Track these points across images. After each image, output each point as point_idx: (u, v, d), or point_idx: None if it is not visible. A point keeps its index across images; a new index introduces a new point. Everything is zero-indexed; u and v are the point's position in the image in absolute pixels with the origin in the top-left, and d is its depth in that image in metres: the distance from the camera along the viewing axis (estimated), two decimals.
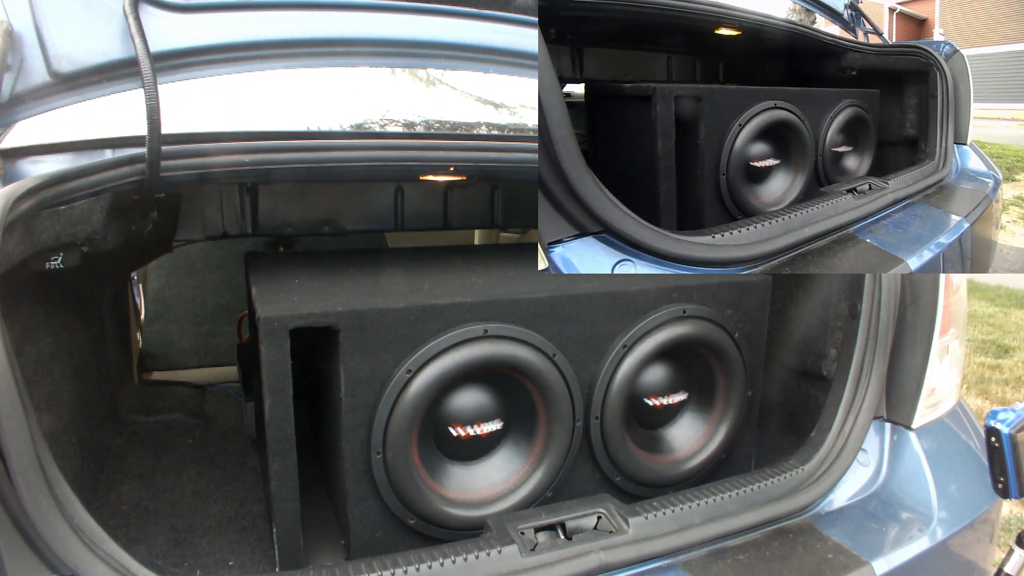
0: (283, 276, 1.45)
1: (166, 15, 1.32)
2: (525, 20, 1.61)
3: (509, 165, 1.50)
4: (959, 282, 1.60)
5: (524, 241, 2.81)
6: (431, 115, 1.44)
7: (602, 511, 1.28)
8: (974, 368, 4.40)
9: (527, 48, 1.57)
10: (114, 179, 1.17)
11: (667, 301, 1.47)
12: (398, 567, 1.10)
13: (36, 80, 1.19)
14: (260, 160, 1.29)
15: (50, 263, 1.24)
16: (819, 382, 1.66)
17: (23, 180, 1.04)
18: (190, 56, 1.32)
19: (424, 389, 1.27)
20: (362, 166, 1.37)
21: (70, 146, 1.18)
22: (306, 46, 1.43)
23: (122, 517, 1.62)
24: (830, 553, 1.29)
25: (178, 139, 1.22)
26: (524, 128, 1.50)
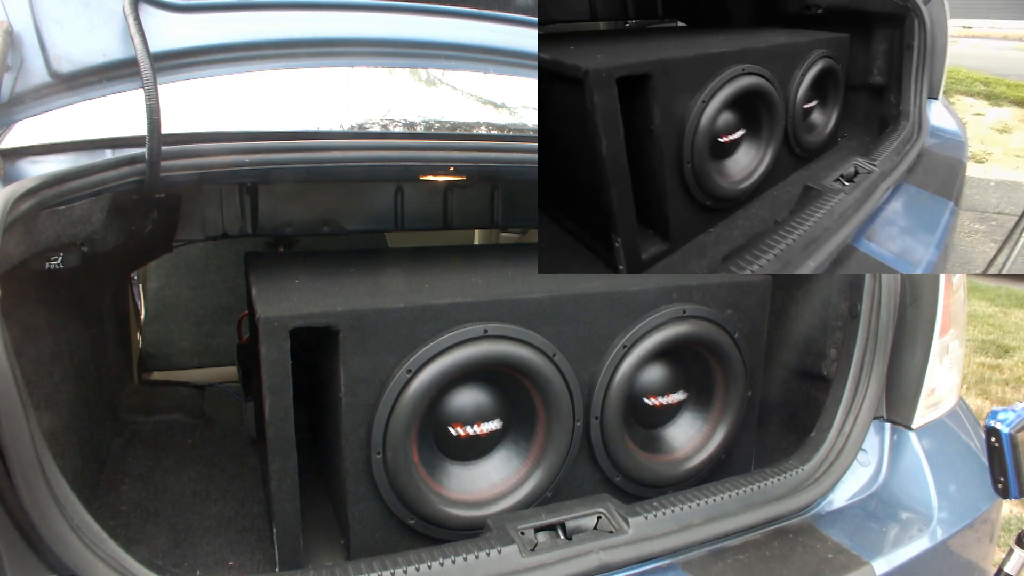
0: (283, 276, 1.45)
1: (166, 15, 1.32)
2: (525, 20, 1.61)
3: (509, 165, 1.50)
4: (959, 282, 1.60)
5: (524, 241, 2.81)
6: (431, 115, 1.44)
7: (602, 511, 1.28)
8: (974, 368, 4.40)
9: (527, 48, 1.57)
10: (114, 179, 1.17)
11: (667, 301, 1.47)
12: (398, 567, 1.10)
13: (36, 80, 1.19)
14: (260, 160, 1.29)
15: (50, 263, 1.24)
16: (819, 382, 1.66)
17: (23, 180, 1.04)
18: (190, 56, 1.33)
19: (424, 389, 1.27)
20: (362, 166, 1.37)
21: (70, 146, 1.18)
22: (306, 46, 1.43)
23: (122, 517, 1.62)
24: (830, 553, 1.29)
25: (178, 139, 1.22)
26: (524, 128, 1.50)
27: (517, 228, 2.79)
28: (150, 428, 2.03)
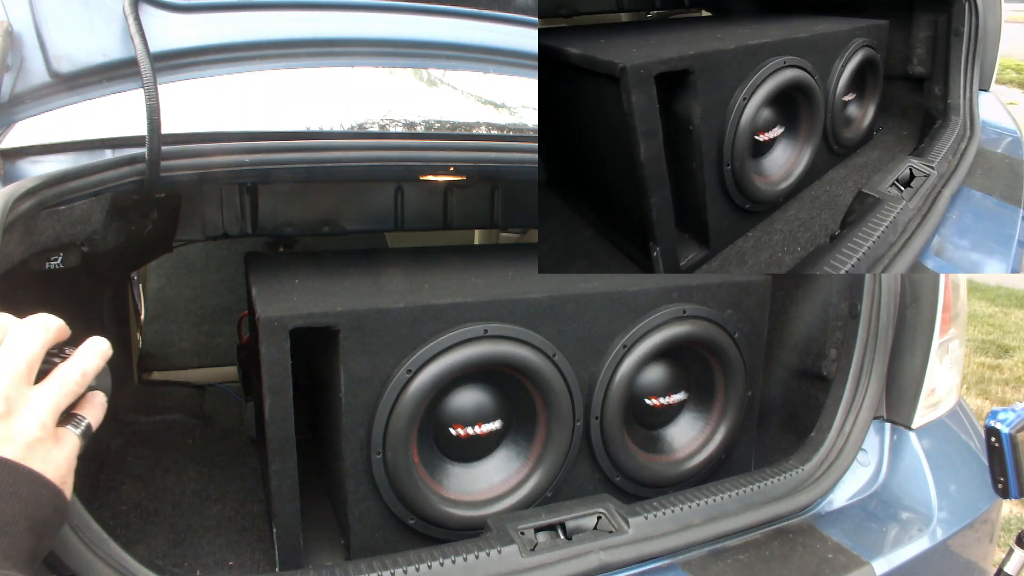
0: (283, 276, 1.45)
1: (166, 15, 1.32)
2: (525, 20, 1.61)
3: (509, 165, 1.50)
4: (959, 282, 1.60)
5: (524, 241, 2.81)
6: (431, 115, 1.44)
7: (602, 511, 1.28)
8: (974, 368, 4.40)
9: (527, 48, 1.57)
10: (114, 179, 1.17)
11: (667, 301, 1.47)
12: (398, 567, 1.10)
13: (36, 80, 1.19)
14: (260, 160, 1.29)
15: (50, 263, 1.24)
16: (819, 382, 1.66)
17: (23, 180, 1.04)
18: (190, 56, 1.32)
19: (424, 389, 1.27)
20: (362, 166, 1.37)
21: (70, 146, 1.18)
22: (306, 46, 1.43)
23: (122, 517, 1.62)
24: (830, 553, 1.29)
25: (178, 139, 1.22)
26: (524, 128, 1.50)
27: (517, 228, 2.79)
28: (150, 428, 2.03)
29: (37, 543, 0.65)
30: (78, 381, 0.74)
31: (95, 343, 0.76)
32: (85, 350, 0.76)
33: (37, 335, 0.72)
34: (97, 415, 0.78)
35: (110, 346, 0.78)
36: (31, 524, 0.64)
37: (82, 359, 0.75)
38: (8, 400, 0.67)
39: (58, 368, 0.73)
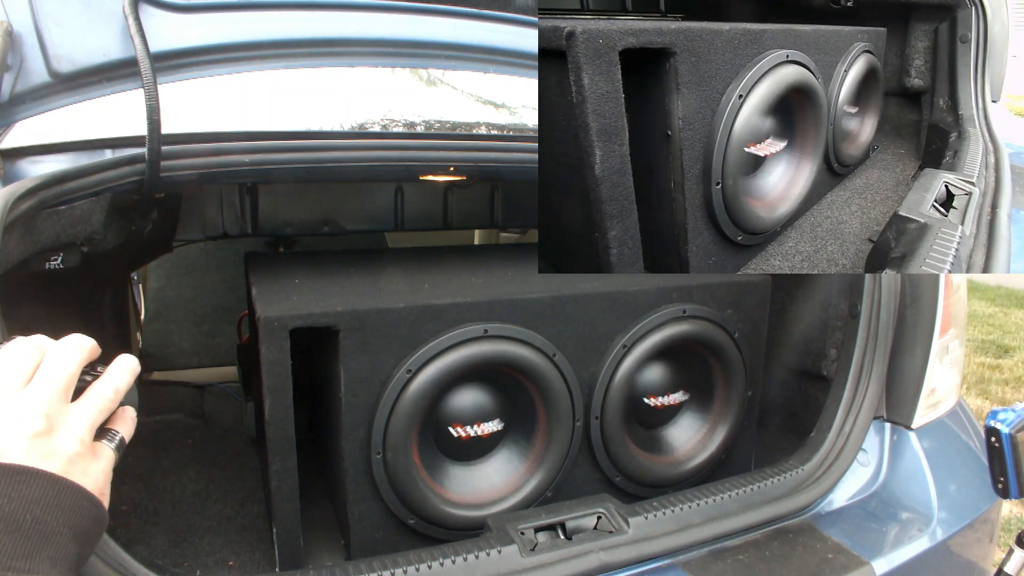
0: (283, 276, 1.45)
1: (166, 15, 1.32)
2: (525, 20, 1.61)
3: (509, 165, 1.50)
4: (959, 282, 1.60)
5: (524, 241, 2.81)
6: (431, 115, 1.44)
7: (602, 511, 1.28)
8: (974, 368, 4.40)
9: (527, 48, 1.57)
10: (114, 179, 1.17)
11: (667, 301, 1.47)
12: (398, 567, 1.10)
13: (36, 80, 1.19)
14: (260, 160, 1.29)
15: (50, 263, 1.24)
16: (819, 382, 1.66)
17: (23, 180, 1.04)
18: (190, 56, 1.32)
19: (424, 389, 1.27)
20: (362, 166, 1.37)
21: (70, 146, 1.18)
22: (306, 46, 1.43)
23: (122, 517, 1.62)
24: (830, 553, 1.29)
25: (178, 139, 1.22)
26: (524, 128, 1.50)
27: (517, 228, 2.79)
28: (150, 428, 2.03)
29: (80, 552, 0.68)
30: (112, 398, 0.77)
31: (125, 361, 0.79)
32: (116, 368, 0.79)
33: (73, 355, 0.74)
34: (129, 429, 0.83)
35: (139, 363, 0.81)
36: (75, 534, 0.68)
37: (114, 377, 0.78)
38: (49, 418, 0.70)
39: (93, 386, 0.76)
